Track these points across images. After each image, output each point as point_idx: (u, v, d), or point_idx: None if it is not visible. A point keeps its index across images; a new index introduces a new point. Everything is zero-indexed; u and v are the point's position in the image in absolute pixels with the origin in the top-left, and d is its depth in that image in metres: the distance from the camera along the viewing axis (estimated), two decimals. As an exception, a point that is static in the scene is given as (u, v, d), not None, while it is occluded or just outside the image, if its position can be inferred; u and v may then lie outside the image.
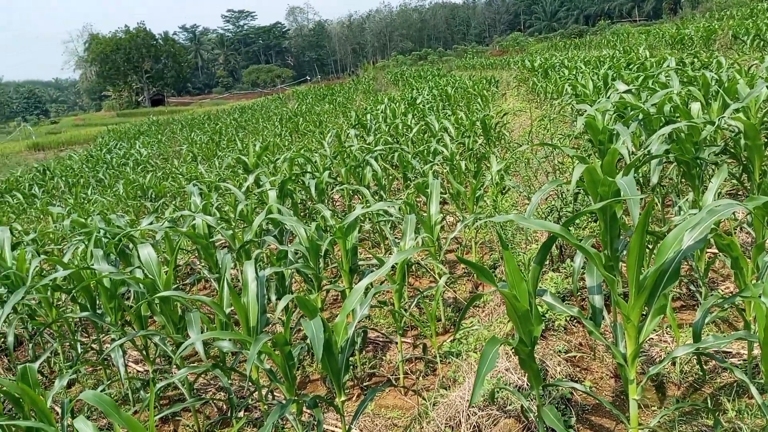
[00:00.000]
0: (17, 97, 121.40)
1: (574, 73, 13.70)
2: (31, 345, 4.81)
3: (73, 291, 4.33)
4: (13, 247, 5.09)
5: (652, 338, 3.65)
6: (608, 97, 6.38)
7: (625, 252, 3.05)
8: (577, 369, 3.45)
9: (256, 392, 3.66)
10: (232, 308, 3.54)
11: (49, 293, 4.57)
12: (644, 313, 2.45)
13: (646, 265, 2.90)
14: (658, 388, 3.23)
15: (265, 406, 3.60)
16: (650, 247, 3.63)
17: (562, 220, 4.87)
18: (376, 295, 4.13)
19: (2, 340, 5.24)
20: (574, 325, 3.88)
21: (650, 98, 5.57)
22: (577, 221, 5.06)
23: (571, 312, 2.63)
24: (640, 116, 5.16)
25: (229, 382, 3.53)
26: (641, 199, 3.91)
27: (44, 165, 21.46)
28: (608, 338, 3.41)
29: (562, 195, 5.17)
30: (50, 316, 4.60)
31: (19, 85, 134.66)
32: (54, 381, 4.61)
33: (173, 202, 9.39)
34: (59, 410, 3.36)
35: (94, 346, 4.91)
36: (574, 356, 3.54)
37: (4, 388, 3.06)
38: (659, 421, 2.82)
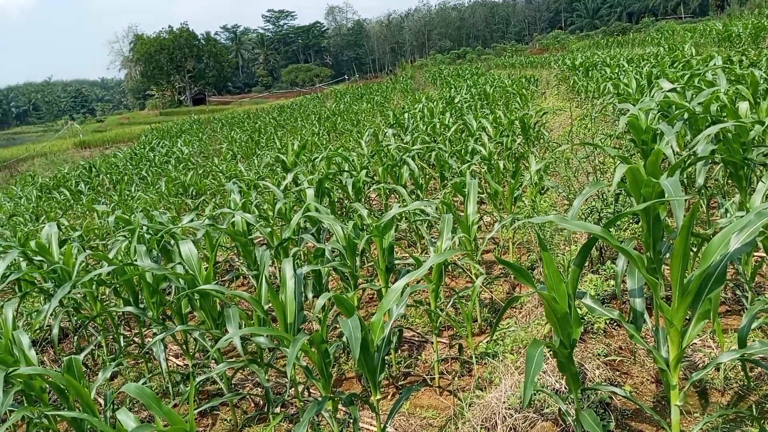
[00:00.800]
0: (65, 96, 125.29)
1: (616, 71, 13.43)
2: (75, 337, 4.95)
3: (116, 284, 4.44)
4: (61, 244, 5.25)
5: (695, 343, 3.56)
6: (652, 96, 6.24)
7: (668, 255, 2.98)
8: (617, 373, 3.39)
9: (293, 389, 3.70)
10: (270, 305, 3.58)
11: (94, 287, 4.70)
12: (688, 317, 2.39)
13: (690, 268, 2.83)
14: (701, 394, 3.15)
15: (301, 403, 3.63)
16: (694, 249, 3.54)
17: (602, 221, 4.78)
18: (412, 295, 4.13)
19: (49, 332, 5.41)
20: (614, 329, 3.80)
21: (696, 97, 5.42)
22: (618, 222, 4.96)
23: (611, 315, 2.58)
24: (686, 115, 5.03)
25: (266, 378, 3.57)
26: (685, 200, 3.81)
27: (90, 162, 22.04)
28: (649, 342, 3.34)
29: (602, 195, 5.08)
30: (95, 310, 4.74)
31: (67, 84, 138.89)
32: (96, 373, 4.76)
33: (213, 200, 9.54)
34: (102, 402, 3.46)
35: (136, 339, 5.02)
36: (614, 360, 3.47)
37: (51, 379, 3.15)
38: (702, 428, 2.75)
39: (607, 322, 3.76)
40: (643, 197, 2.83)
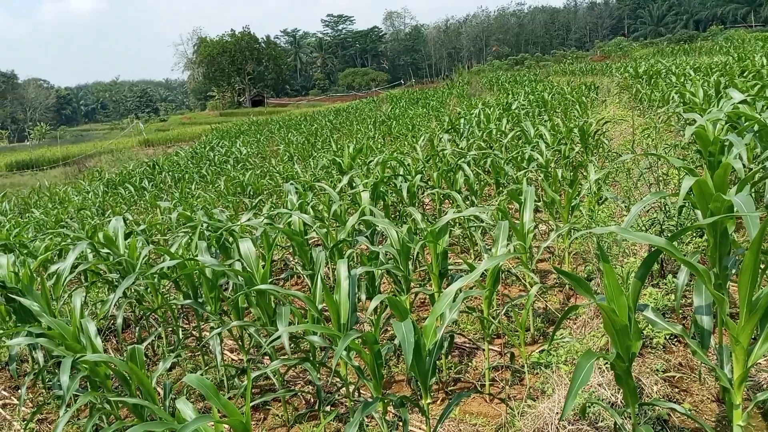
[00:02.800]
0: (131, 95, 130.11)
1: (682, 80, 13.03)
2: (137, 328, 5.14)
3: (177, 278, 4.59)
4: (126, 237, 5.45)
5: (760, 363, 3.42)
6: (720, 107, 6.03)
7: (734, 271, 2.88)
8: (676, 390, 3.29)
9: (343, 388, 3.74)
10: (324, 305, 3.64)
11: (156, 280, 4.86)
12: (754, 336, 2.31)
13: (757, 285, 2.73)
14: (765, 415, 3.03)
15: (352, 403, 3.67)
16: (762, 266, 3.41)
17: (664, 233, 4.65)
18: (465, 301, 4.11)
19: (112, 321, 5.63)
20: (673, 344, 3.70)
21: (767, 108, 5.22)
22: (681, 236, 4.81)
23: (674, 330, 2.51)
24: (756, 127, 4.85)
25: (318, 376, 3.62)
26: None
27: (153, 160, 22.83)
28: (711, 359, 3.23)
29: (665, 207, 4.94)
30: (156, 302, 4.90)
31: (133, 84, 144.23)
32: (155, 363, 4.92)
33: (270, 200, 9.73)
34: (161, 391, 3.58)
35: (194, 332, 5.17)
36: (673, 376, 3.37)
37: (115, 367, 3.28)
38: (766, 453, 2.64)
39: (667, 337, 3.66)
40: (711, 211, 2.75)
